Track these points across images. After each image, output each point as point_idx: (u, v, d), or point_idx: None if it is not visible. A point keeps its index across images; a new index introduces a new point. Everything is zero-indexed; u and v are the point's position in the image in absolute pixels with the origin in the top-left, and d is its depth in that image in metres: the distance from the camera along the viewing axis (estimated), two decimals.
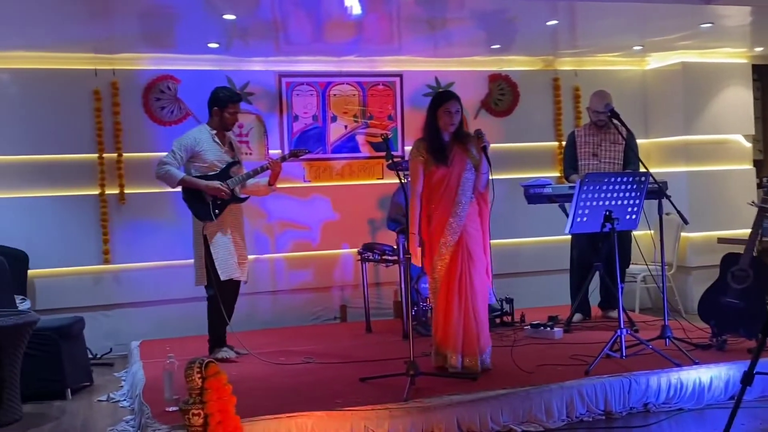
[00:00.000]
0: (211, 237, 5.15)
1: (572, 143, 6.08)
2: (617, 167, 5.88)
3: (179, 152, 5.16)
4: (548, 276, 7.07)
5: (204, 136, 5.24)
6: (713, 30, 6.34)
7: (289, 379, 4.68)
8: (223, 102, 5.23)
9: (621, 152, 5.88)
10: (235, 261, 5.23)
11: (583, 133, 6.06)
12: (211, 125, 5.29)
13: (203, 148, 5.19)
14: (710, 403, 4.46)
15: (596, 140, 5.95)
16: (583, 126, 6.21)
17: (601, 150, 5.91)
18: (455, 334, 4.53)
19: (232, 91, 5.40)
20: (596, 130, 5.97)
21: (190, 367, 3.50)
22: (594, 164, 5.90)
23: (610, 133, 5.90)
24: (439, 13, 5.60)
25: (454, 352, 4.53)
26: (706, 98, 7.56)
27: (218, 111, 5.24)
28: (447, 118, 4.58)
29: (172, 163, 5.13)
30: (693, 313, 6.05)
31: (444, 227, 4.55)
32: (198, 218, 5.16)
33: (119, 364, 6.06)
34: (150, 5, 5.07)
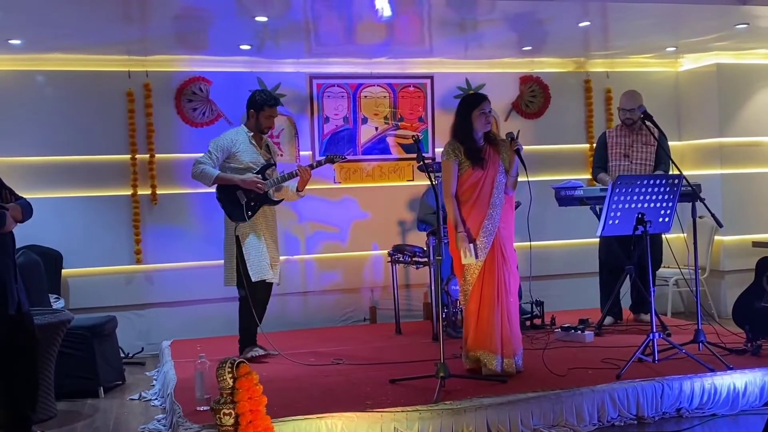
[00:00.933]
0: (244, 238, 5.18)
1: (603, 144, 6.04)
2: (648, 168, 5.83)
3: (215, 152, 5.19)
4: (579, 279, 7.01)
5: (241, 137, 5.27)
6: (749, 31, 6.25)
7: (319, 379, 4.70)
8: (259, 105, 5.26)
9: (653, 153, 5.83)
10: (267, 263, 5.25)
11: (614, 134, 6.01)
12: (248, 127, 5.33)
13: (239, 149, 5.22)
14: (744, 409, 4.39)
15: (628, 141, 5.90)
16: (615, 127, 6.16)
17: (633, 151, 5.86)
18: (493, 336, 4.51)
19: (269, 94, 5.42)
20: (628, 131, 5.92)
21: (221, 367, 3.52)
22: (625, 165, 5.86)
23: (642, 134, 5.85)
24: (470, 15, 5.59)
25: (492, 354, 4.51)
26: (740, 100, 7.45)
27: (254, 114, 5.27)
28: (483, 120, 4.58)
29: (207, 163, 5.17)
30: (726, 318, 5.97)
31: (478, 230, 4.54)
32: (231, 219, 5.19)
33: (150, 363, 6.12)
34: (183, 7, 5.13)
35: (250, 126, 5.31)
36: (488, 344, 4.52)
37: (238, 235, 5.18)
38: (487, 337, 4.52)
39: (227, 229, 5.26)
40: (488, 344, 4.52)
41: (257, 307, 5.23)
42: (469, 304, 4.60)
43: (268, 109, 5.28)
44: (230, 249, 5.24)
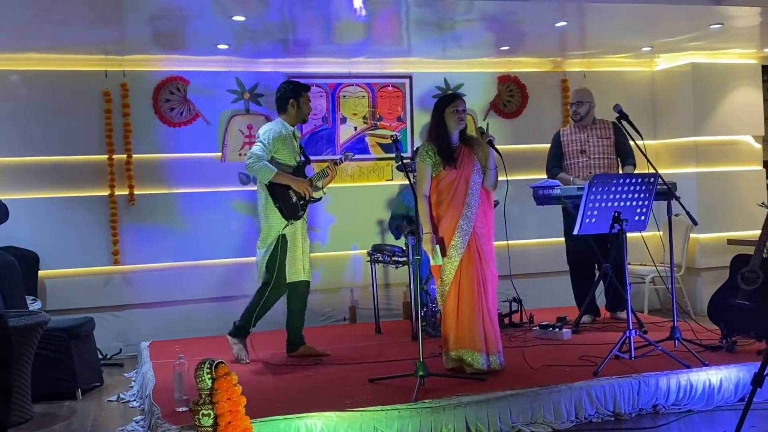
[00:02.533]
0: (291, 237, 5.12)
1: (558, 143, 6.10)
2: (607, 161, 5.90)
3: (269, 145, 5.06)
4: (557, 277, 7.05)
5: (286, 131, 5.18)
6: (723, 31, 6.33)
7: (299, 379, 4.70)
8: (297, 92, 5.18)
9: (609, 146, 5.90)
10: (304, 261, 5.21)
11: (568, 132, 6.08)
12: (288, 121, 5.22)
13: (285, 144, 5.13)
14: (720, 404, 4.44)
15: (583, 137, 5.97)
16: (567, 126, 6.23)
17: (589, 146, 5.93)
18: (476, 334, 4.53)
19: (299, 81, 5.32)
20: (581, 128, 5.99)
21: (200, 368, 3.51)
22: (583, 161, 5.92)
23: (596, 128, 5.95)
24: (447, 15, 5.61)
25: (478, 353, 4.53)
26: (715, 99, 7.54)
27: (295, 103, 5.17)
28: (456, 118, 4.60)
29: (265, 156, 5.03)
30: (702, 315, 6.04)
31: (454, 230, 4.56)
32: (284, 217, 5.07)
33: (129, 364, 6.09)
34: (160, 7, 5.10)
35: (291, 120, 5.20)
36: (472, 343, 4.54)
37: (284, 234, 5.11)
38: (470, 335, 4.54)
39: (271, 227, 5.11)
40: (472, 343, 4.54)
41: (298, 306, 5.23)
42: (446, 304, 4.62)
43: (306, 94, 5.22)
44: (269, 246, 5.13)
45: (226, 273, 6.74)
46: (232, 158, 6.79)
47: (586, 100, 5.96)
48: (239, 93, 6.81)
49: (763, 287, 5.03)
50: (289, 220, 5.08)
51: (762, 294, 5.02)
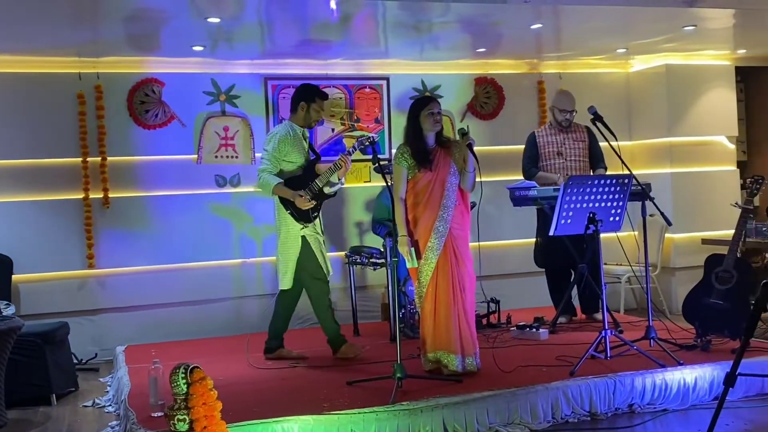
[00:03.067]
0: (310, 239, 5.11)
1: (534, 143, 6.14)
2: (583, 164, 5.99)
3: (273, 152, 5.06)
4: (534, 277, 7.06)
5: (293, 132, 5.16)
6: (696, 32, 6.39)
7: (276, 383, 4.68)
8: (311, 97, 5.16)
9: (585, 149, 5.99)
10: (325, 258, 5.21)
11: (544, 133, 6.13)
12: (295, 122, 5.21)
13: (293, 146, 5.11)
14: (695, 403, 4.48)
15: (559, 139, 6.02)
16: (543, 126, 6.27)
17: (566, 148, 5.99)
18: (452, 336, 4.54)
19: (319, 87, 5.31)
20: (557, 130, 6.03)
21: (175, 373, 3.49)
22: (560, 163, 5.98)
23: (572, 131, 6.01)
24: (424, 17, 5.61)
25: (453, 355, 4.53)
26: (689, 100, 7.61)
27: (305, 106, 5.16)
28: (431, 120, 4.62)
29: (269, 169, 5.04)
30: (678, 314, 6.09)
31: (430, 231, 4.57)
32: (298, 221, 5.07)
33: (104, 369, 6.04)
34: (134, 8, 5.05)
35: (298, 121, 5.20)
36: (447, 345, 4.55)
37: (303, 236, 5.09)
38: (446, 337, 4.55)
39: (289, 231, 5.12)
40: (447, 345, 4.55)
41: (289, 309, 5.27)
42: (424, 305, 4.62)
43: (320, 101, 5.20)
44: (290, 250, 5.12)
45: (203, 276, 6.69)
46: (207, 160, 6.75)
47: (576, 107, 6.00)
48: (215, 95, 6.78)
49: (736, 287, 5.08)
50: (304, 223, 5.08)
51: (736, 293, 5.07)
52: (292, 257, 5.11)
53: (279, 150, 5.07)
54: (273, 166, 5.07)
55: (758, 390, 4.60)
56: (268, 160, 5.08)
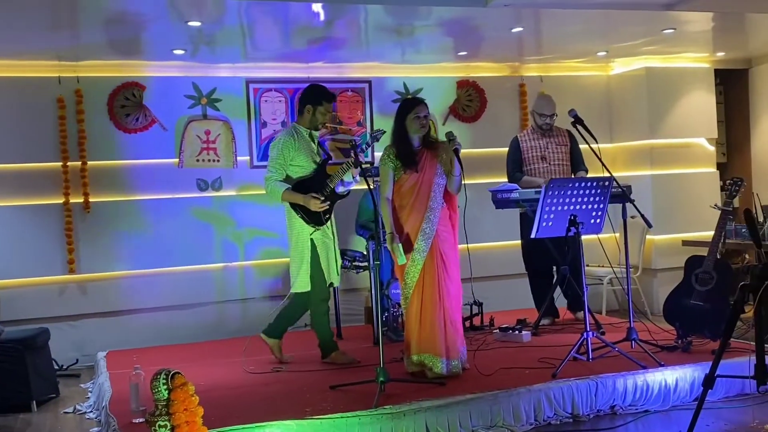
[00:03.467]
0: (319, 242, 5.07)
1: (517, 148, 6.16)
2: (565, 168, 6.03)
3: (278, 159, 5.02)
4: (517, 279, 7.09)
5: (299, 136, 5.12)
6: (676, 35, 6.44)
7: (258, 388, 4.66)
8: (317, 100, 5.11)
9: (567, 153, 6.02)
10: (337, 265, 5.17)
11: (527, 138, 6.15)
12: (302, 124, 5.17)
13: (299, 150, 5.07)
14: (676, 404, 4.51)
15: (542, 143, 6.05)
16: (525, 131, 6.30)
17: (549, 153, 6.02)
18: (437, 339, 4.55)
19: (326, 89, 5.25)
20: (540, 134, 6.06)
21: (156, 378, 3.47)
22: (544, 167, 6.01)
23: (554, 135, 6.04)
24: (406, 20, 5.62)
25: (438, 358, 4.54)
26: (669, 102, 7.67)
27: (311, 109, 5.11)
28: (417, 123, 4.64)
29: (275, 177, 5.00)
30: (659, 315, 6.13)
31: (416, 233, 4.58)
32: (309, 224, 5.03)
33: (86, 375, 5.99)
34: (114, 12, 5.02)
35: (305, 123, 5.15)
36: (433, 347, 4.56)
37: (312, 239, 5.05)
38: (432, 340, 4.56)
39: (299, 233, 5.08)
40: (433, 347, 4.56)
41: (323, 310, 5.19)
42: (410, 308, 4.63)
43: (326, 104, 5.15)
44: (301, 253, 5.08)
45: (185, 280, 6.66)
46: (189, 164, 6.72)
47: (556, 110, 6.03)
48: (196, 98, 6.75)
49: (716, 288, 5.12)
50: (315, 226, 5.04)
51: (716, 294, 5.11)
52: (306, 259, 5.07)
53: (284, 156, 5.03)
54: (278, 173, 5.03)
55: (738, 390, 4.63)
56: (273, 168, 5.04)
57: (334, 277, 5.17)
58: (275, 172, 5.03)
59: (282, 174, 5.04)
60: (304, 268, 5.07)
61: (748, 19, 6.19)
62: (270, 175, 5.04)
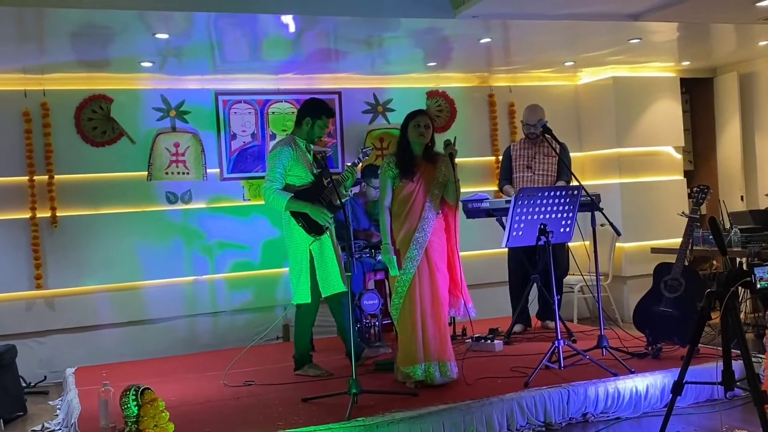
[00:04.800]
0: (317, 253, 5.02)
1: (508, 156, 6.22)
2: (551, 178, 6.04)
3: (279, 168, 4.97)
4: (488, 288, 7.13)
5: (297, 146, 5.08)
6: (642, 45, 6.53)
7: (230, 402, 4.62)
8: (317, 114, 5.09)
9: (554, 164, 6.04)
10: (338, 271, 5.10)
11: (518, 147, 6.20)
12: (299, 135, 5.13)
13: (298, 160, 5.03)
14: (647, 411, 4.54)
15: (530, 153, 6.09)
16: (518, 140, 6.35)
17: (535, 162, 6.05)
18: (446, 344, 4.60)
19: (326, 104, 5.24)
20: (530, 144, 6.11)
21: (125, 395, 3.43)
22: (528, 176, 6.04)
23: (543, 146, 6.06)
24: (375, 32, 5.64)
25: (449, 363, 4.60)
26: (636, 111, 7.76)
27: (310, 121, 5.08)
28: (416, 133, 4.71)
29: (276, 185, 4.94)
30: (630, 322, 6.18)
31: (409, 242, 4.62)
32: (307, 233, 4.98)
33: (54, 392, 5.90)
34: (80, 25, 4.97)
35: (302, 135, 5.12)
36: (441, 353, 4.61)
37: (311, 249, 5.01)
38: (441, 346, 4.61)
39: (298, 244, 5.02)
40: (441, 353, 4.61)
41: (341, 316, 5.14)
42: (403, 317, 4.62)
43: (325, 119, 5.13)
44: (300, 264, 5.03)
45: (154, 294, 6.60)
46: (158, 177, 6.67)
47: (540, 118, 6.03)
48: (165, 111, 6.71)
49: (685, 294, 5.18)
50: (313, 235, 4.99)
51: (684, 301, 5.17)
52: (305, 270, 5.02)
53: (283, 165, 5.00)
54: (279, 182, 4.98)
55: (708, 396, 4.67)
56: (273, 177, 4.98)
57: (336, 286, 5.09)
58: (276, 181, 4.98)
59: (282, 183, 5.00)
60: (303, 280, 5.03)
61: (712, 29, 6.30)
62: (270, 184, 4.98)
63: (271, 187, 4.97)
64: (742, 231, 5.82)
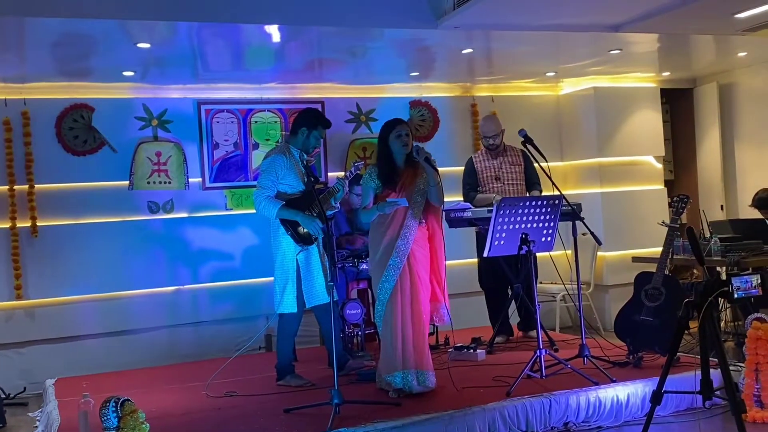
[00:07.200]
0: (303, 263, 5.00)
1: (471, 168, 6.23)
2: (520, 187, 6.08)
3: (271, 175, 4.95)
4: (471, 297, 7.12)
5: (291, 155, 5.06)
6: (622, 56, 6.58)
7: (211, 413, 4.60)
8: (313, 124, 5.08)
9: (521, 173, 6.08)
10: (323, 282, 5.06)
11: (481, 158, 6.21)
12: (294, 145, 5.12)
13: (290, 169, 5.01)
14: (628, 419, 4.56)
15: (496, 164, 6.12)
16: (479, 151, 6.36)
17: (503, 172, 6.08)
18: (413, 355, 4.59)
19: (323, 115, 5.21)
20: (493, 154, 6.13)
21: (104, 406, 3.41)
22: (498, 187, 6.07)
23: (507, 155, 6.11)
24: (359, 42, 5.66)
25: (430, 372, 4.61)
26: (617, 121, 7.82)
27: (306, 132, 5.07)
28: (398, 143, 4.75)
29: (268, 192, 4.92)
30: (611, 331, 6.21)
31: (392, 249, 4.64)
32: (296, 242, 4.95)
33: (34, 403, 5.83)
34: (62, 34, 4.95)
35: (297, 144, 5.11)
36: (421, 363, 4.61)
37: (297, 259, 4.98)
38: (420, 355, 4.61)
39: (285, 253, 4.99)
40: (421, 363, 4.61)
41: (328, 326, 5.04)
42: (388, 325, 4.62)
43: (321, 130, 5.13)
44: (286, 273, 5.00)
45: (135, 304, 6.56)
46: (140, 186, 6.64)
47: (500, 130, 6.09)
48: (147, 120, 6.68)
49: (665, 303, 5.22)
50: (302, 245, 4.97)
51: (665, 310, 5.21)
52: (291, 280, 5.01)
53: (276, 173, 4.98)
54: (271, 189, 4.96)
55: (689, 404, 4.70)
56: (265, 184, 4.96)
57: (321, 297, 5.07)
58: (267, 189, 4.96)
59: (274, 190, 4.98)
60: (289, 289, 5.02)
61: (691, 41, 6.37)
62: (262, 191, 4.96)
63: (262, 194, 4.95)
64: (721, 240, 5.87)
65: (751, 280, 3.49)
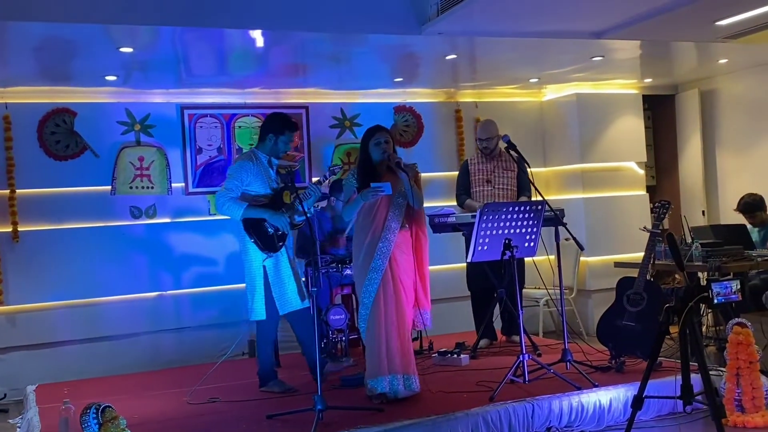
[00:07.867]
0: (272, 269, 4.97)
1: (466, 171, 6.26)
2: (510, 193, 6.10)
3: (236, 180, 4.93)
4: (455, 302, 7.16)
5: (258, 161, 5.04)
6: (605, 63, 6.64)
7: (194, 419, 4.57)
8: (279, 129, 5.05)
9: (513, 179, 6.11)
10: (296, 288, 5.04)
11: (476, 161, 6.24)
12: (262, 150, 5.10)
13: (258, 175, 4.99)
14: (610, 424, 4.58)
15: (489, 168, 6.14)
16: (476, 154, 6.39)
17: (495, 177, 6.11)
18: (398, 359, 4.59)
19: (289, 118, 5.19)
20: (488, 158, 6.16)
21: (85, 413, 3.39)
22: (488, 190, 6.09)
23: (501, 160, 6.13)
24: (343, 47, 5.67)
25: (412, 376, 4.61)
26: (600, 128, 7.87)
27: (273, 138, 5.05)
28: (379, 150, 4.78)
29: (231, 195, 4.90)
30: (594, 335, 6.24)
31: (374, 251, 4.65)
32: (263, 250, 4.93)
33: (14, 410, 5.79)
34: (43, 38, 4.93)
35: (266, 150, 5.09)
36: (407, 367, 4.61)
37: (265, 265, 4.96)
38: (406, 359, 4.61)
39: (252, 260, 4.99)
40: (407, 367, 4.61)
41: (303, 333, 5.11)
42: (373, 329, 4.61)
43: (289, 134, 5.10)
44: (254, 280, 4.99)
45: (117, 310, 6.52)
46: (122, 191, 6.60)
47: (494, 135, 6.11)
48: (129, 124, 6.65)
49: (647, 308, 5.25)
50: (267, 252, 4.95)
51: (646, 315, 5.24)
52: (259, 287, 4.99)
53: (240, 179, 4.96)
54: (235, 192, 4.94)
55: (671, 409, 4.72)
56: (229, 187, 4.94)
57: (294, 303, 5.05)
58: (231, 191, 4.94)
59: (238, 194, 4.96)
60: (257, 297, 5.00)
61: (673, 48, 6.43)
62: (226, 192, 4.94)
63: (226, 194, 4.93)
64: (703, 246, 5.91)
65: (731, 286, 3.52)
